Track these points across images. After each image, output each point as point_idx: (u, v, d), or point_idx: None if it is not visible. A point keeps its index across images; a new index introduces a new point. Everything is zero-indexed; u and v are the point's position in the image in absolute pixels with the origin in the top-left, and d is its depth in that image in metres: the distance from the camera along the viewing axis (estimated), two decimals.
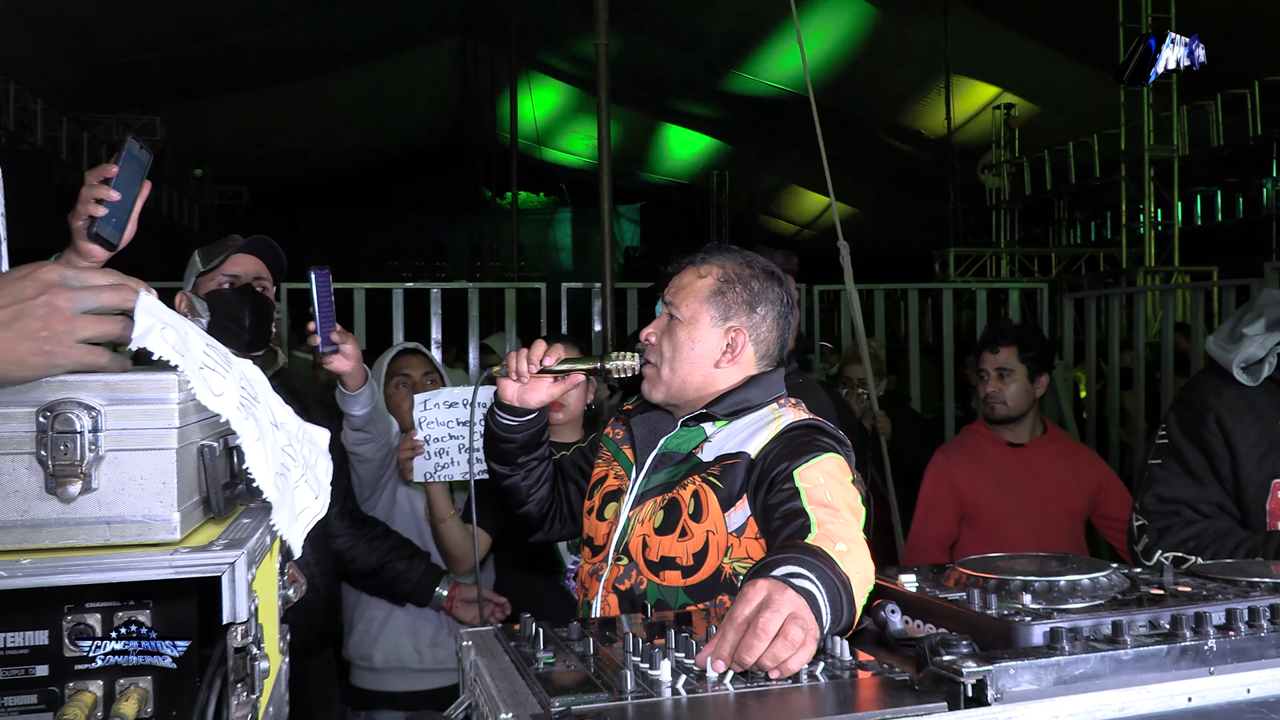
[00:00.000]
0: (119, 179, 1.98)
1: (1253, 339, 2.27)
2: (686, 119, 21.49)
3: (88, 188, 2.00)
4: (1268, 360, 2.24)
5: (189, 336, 1.09)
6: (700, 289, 2.13)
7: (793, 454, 1.93)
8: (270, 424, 1.18)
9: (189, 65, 14.80)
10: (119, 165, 1.98)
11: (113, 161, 2.00)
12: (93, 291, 1.06)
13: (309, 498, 1.25)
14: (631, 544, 2.06)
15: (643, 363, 2.16)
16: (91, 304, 1.06)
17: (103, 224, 1.99)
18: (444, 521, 3.08)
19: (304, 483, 1.24)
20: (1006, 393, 3.81)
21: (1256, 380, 2.24)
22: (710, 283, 2.13)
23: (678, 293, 2.15)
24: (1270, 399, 2.25)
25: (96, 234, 1.99)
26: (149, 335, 1.06)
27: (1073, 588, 1.51)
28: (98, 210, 1.98)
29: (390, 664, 3.37)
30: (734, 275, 2.14)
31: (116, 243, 2.04)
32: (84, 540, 1.04)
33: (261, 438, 1.13)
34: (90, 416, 1.04)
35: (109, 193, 1.98)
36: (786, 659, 1.32)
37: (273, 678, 1.22)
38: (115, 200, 1.99)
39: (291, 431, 1.28)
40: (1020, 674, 1.21)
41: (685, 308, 2.12)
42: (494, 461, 2.31)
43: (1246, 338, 2.28)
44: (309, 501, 1.25)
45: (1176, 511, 2.28)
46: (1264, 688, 1.24)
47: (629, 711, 1.22)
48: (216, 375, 1.09)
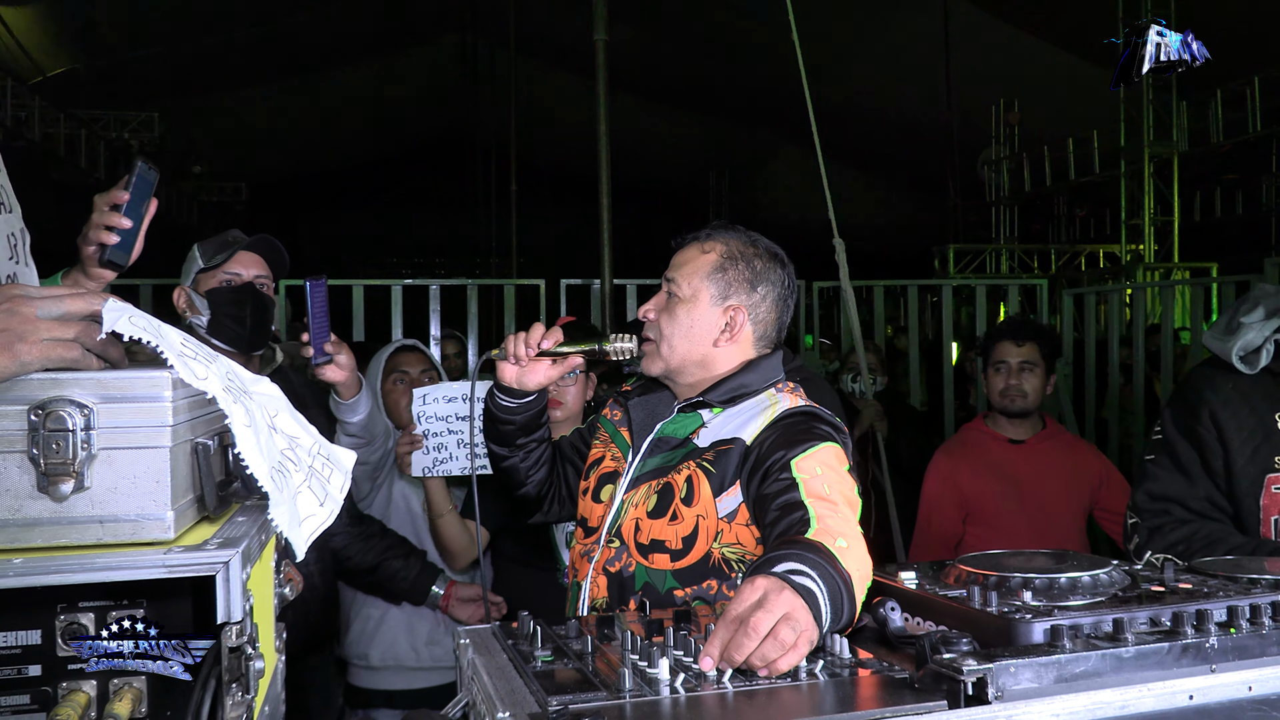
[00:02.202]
0: (129, 205, 1.98)
1: (1250, 326, 2.27)
2: (685, 113, 21.47)
3: (99, 213, 2.00)
4: (1265, 348, 2.24)
5: (163, 328, 1.09)
6: (703, 264, 2.13)
7: (790, 442, 1.92)
8: (267, 425, 1.17)
9: (187, 62, 14.79)
10: (129, 191, 1.98)
11: (122, 187, 2.00)
12: (55, 300, 1.07)
13: (313, 504, 1.24)
14: (624, 526, 2.06)
15: (641, 342, 2.15)
16: (55, 310, 1.07)
17: (113, 250, 1.99)
18: (442, 517, 3.08)
19: (307, 489, 1.23)
20: (1027, 385, 3.81)
21: (1254, 369, 2.24)
22: (713, 259, 2.13)
23: (680, 268, 2.14)
24: (1265, 392, 2.24)
25: (109, 260, 1.99)
26: (118, 321, 1.05)
27: (1073, 585, 1.50)
28: (110, 239, 1.99)
29: (387, 663, 3.36)
30: (737, 253, 2.14)
31: (125, 264, 2.04)
32: (77, 539, 1.03)
33: (252, 425, 1.11)
34: (83, 415, 1.03)
35: (121, 220, 1.98)
36: (775, 660, 1.31)
37: (268, 677, 1.21)
38: (127, 228, 1.99)
39: (298, 440, 1.27)
40: (1021, 672, 1.20)
41: (686, 284, 2.12)
42: (493, 443, 2.31)
43: (1244, 325, 2.27)
44: (313, 509, 1.24)
45: (1166, 510, 2.28)
46: (1266, 685, 1.24)
47: (627, 710, 1.21)
48: (199, 363, 1.08)
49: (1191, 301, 7.04)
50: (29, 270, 1.65)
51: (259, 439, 1.12)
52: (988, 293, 7.51)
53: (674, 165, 23.86)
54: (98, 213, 2.01)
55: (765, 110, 18.33)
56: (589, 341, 2.17)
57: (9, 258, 1.57)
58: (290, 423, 1.25)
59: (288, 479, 1.17)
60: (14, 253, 1.60)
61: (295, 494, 1.18)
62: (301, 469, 1.22)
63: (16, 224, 1.65)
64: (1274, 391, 2.24)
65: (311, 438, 1.29)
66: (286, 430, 1.23)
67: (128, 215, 1.98)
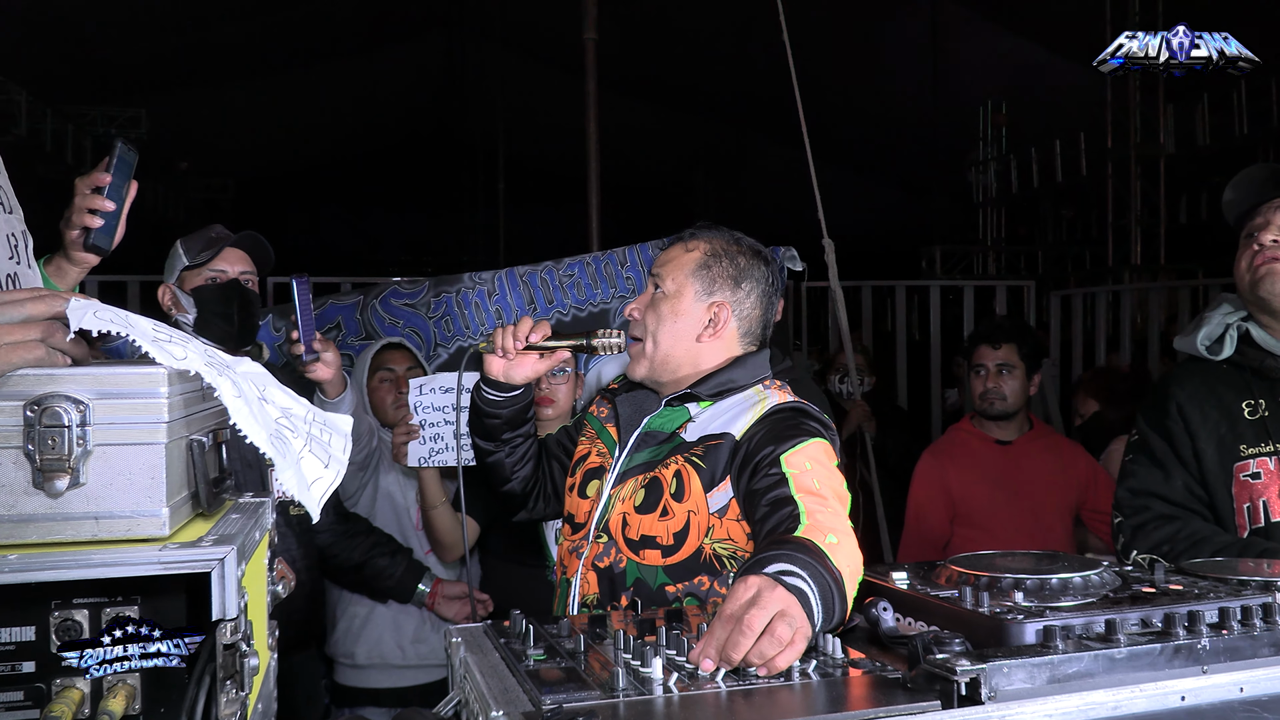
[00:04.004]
0: (111, 187, 1.97)
1: (1211, 316, 2.37)
2: (672, 112, 21.46)
3: (81, 197, 1.99)
4: (1228, 335, 2.31)
5: (132, 318, 1.08)
6: (686, 262, 2.14)
7: (778, 437, 1.93)
8: (257, 397, 1.16)
9: (173, 57, 14.70)
10: (110, 173, 1.97)
11: (103, 169, 1.98)
12: (15, 304, 1.07)
13: (318, 467, 1.22)
14: (611, 521, 2.06)
15: (629, 340, 2.16)
16: (16, 315, 1.06)
17: (97, 233, 1.97)
18: (435, 508, 3.08)
19: (309, 453, 1.22)
20: (1006, 388, 3.83)
21: (1217, 356, 2.31)
22: (697, 256, 2.15)
23: (664, 265, 2.17)
24: (1230, 382, 2.30)
25: (93, 244, 1.98)
26: (84, 318, 1.05)
27: (1065, 585, 1.50)
28: (94, 221, 1.97)
29: (373, 661, 3.35)
30: (720, 250, 2.16)
31: (109, 248, 2.03)
32: (71, 536, 1.03)
33: (242, 396, 1.11)
34: (78, 411, 1.02)
35: (104, 203, 1.97)
36: (773, 657, 1.31)
37: (262, 674, 1.21)
38: (110, 210, 1.97)
39: (291, 410, 1.26)
40: (1014, 672, 1.21)
41: (671, 281, 2.14)
42: (479, 437, 2.30)
43: (1206, 318, 2.37)
44: (319, 471, 1.22)
45: (1147, 505, 2.32)
46: (1257, 686, 1.24)
47: (621, 709, 1.21)
48: (175, 345, 1.08)
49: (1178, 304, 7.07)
50: (32, 272, 1.64)
51: (252, 409, 1.11)
52: (975, 294, 7.53)
53: (660, 164, 23.82)
54: (80, 196, 1.99)
55: (752, 109, 18.32)
56: (577, 336, 2.17)
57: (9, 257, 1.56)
58: (280, 395, 1.25)
59: (287, 445, 1.16)
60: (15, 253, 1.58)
61: (299, 459, 1.17)
62: (300, 435, 1.21)
63: (18, 225, 1.63)
64: (1239, 382, 2.30)
65: (304, 407, 1.29)
66: (278, 402, 1.23)
67: (110, 197, 1.97)
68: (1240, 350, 2.30)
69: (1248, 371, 2.29)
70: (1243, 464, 2.24)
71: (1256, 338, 2.28)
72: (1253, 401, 2.26)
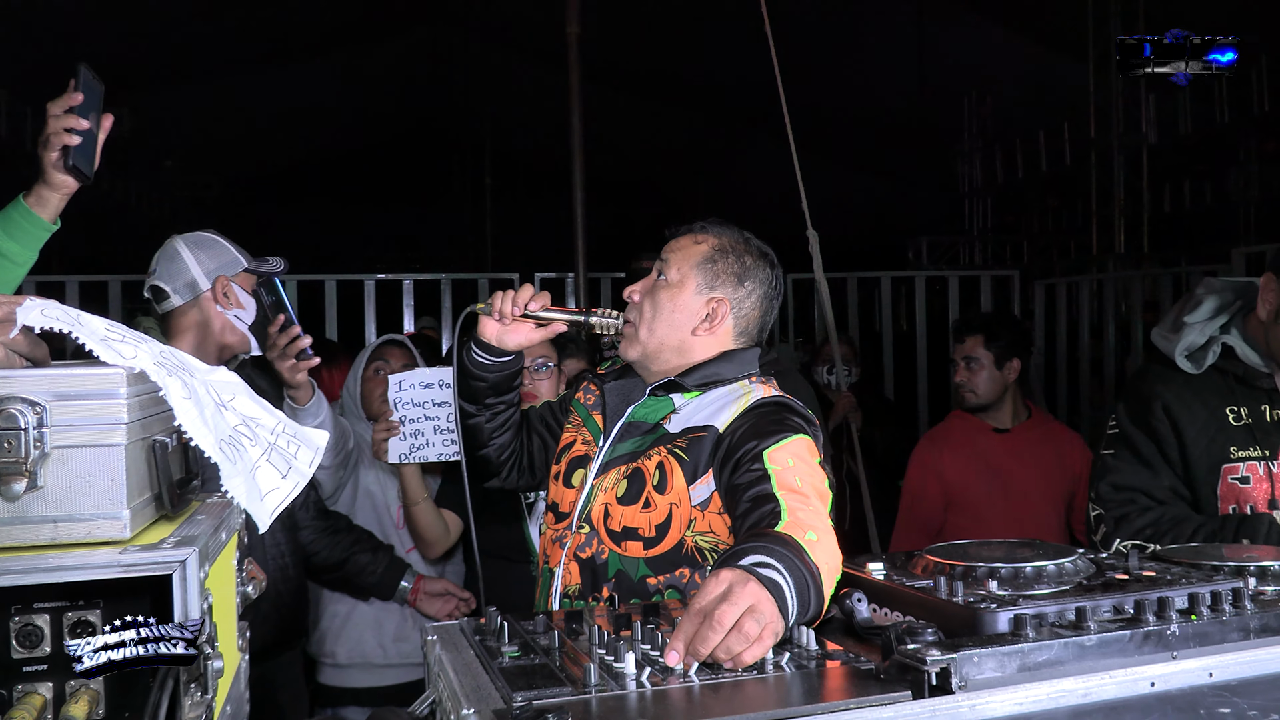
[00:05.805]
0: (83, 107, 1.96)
1: (1193, 327, 2.33)
2: (660, 105, 21.43)
3: (55, 119, 1.97)
4: (1211, 348, 2.30)
5: (83, 316, 1.07)
6: (693, 253, 2.15)
7: (762, 433, 1.93)
8: (214, 402, 1.15)
9: (156, 55, 14.62)
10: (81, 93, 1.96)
11: (73, 89, 1.97)
12: None
13: (274, 478, 1.22)
14: (593, 512, 2.06)
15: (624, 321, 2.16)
16: None
17: (77, 154, 1.96)
18: (417, 504, 3.07)
19: (266, 462, 1.22)
20: (974, 381, 3.84)
21: (1200, 368, 2.29)
22: (704, 249, 2.15)
23: (672, 253, 2.17)
24: (1214, 386, 2.30)
25: (74, 165, 1.97)
26: (30, 315, 1.04)
27: (1038, 574, 1.51)
28: (72, 140, 1.96)
29: (355, 660, 3.34)
30: (728, 247, 2.16)
31: (90, 173, 2.01)
32: (30, 539, 1.02)
33: (192, 397, 1.10)
34: (35, 413, 1.01)
35: (79, 121, 1.96)
36: (740, 652, 1.31)
37: (229, 676, 1.20)
38: (85, 129, 1.96)
39: (259, 420, 1.25)
40: (984, 661, 1.21)
41: (675, 270, 2.14)
42: (462, 399, 2.29)
43: (1187, 326, 2.34)
44: (275, 481, 1.22)
45: (1132, 500, 2.32)
46: (1226, 671, 1.25)
47: (593, 705, 1.20)
48: (126, 345, 1.07)
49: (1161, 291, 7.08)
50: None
51: (202, 412, 1.10)
52: (961, 284, 7.54)
53: (649, 158, 23.80)
54: (54, 118, 1.98)
55: (737, 101, 18.31)
56: (575, 311, 2.18)
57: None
58: (250, 405, 1.24)
59: (241, 453, 1.15)
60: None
61: (253, 468, 1.16)
62: (260, 444, 1.20)
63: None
64: (1222, 387, 2.29)
65: (275, 418, 1.28)
66: (245, 411, 1.22)
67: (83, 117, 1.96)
68: (1222, 357, 2.29)
69: (1230, 377, 2.29)
70: (1232, 466, 2.24)
71: (1241, 355, 2.27)
72: (1236, 409, 2.26)
